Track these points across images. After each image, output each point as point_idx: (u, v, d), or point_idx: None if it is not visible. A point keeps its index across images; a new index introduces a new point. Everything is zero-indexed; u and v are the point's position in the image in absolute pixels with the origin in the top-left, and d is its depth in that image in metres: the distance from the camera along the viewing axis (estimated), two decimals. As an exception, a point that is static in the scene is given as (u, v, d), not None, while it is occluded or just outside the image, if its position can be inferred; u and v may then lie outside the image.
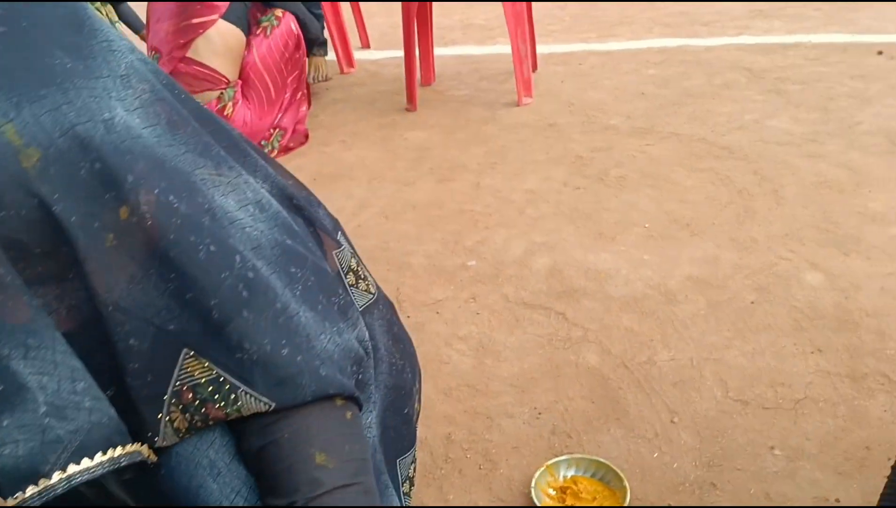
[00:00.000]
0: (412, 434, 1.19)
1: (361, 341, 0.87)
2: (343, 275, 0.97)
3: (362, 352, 0.86)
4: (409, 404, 1.16)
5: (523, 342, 1.72)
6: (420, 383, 1.23)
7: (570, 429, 1.46)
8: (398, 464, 1.17)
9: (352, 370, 0.82)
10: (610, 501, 1.28)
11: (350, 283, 0.98)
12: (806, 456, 1.32)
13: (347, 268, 0.98)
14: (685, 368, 1.57)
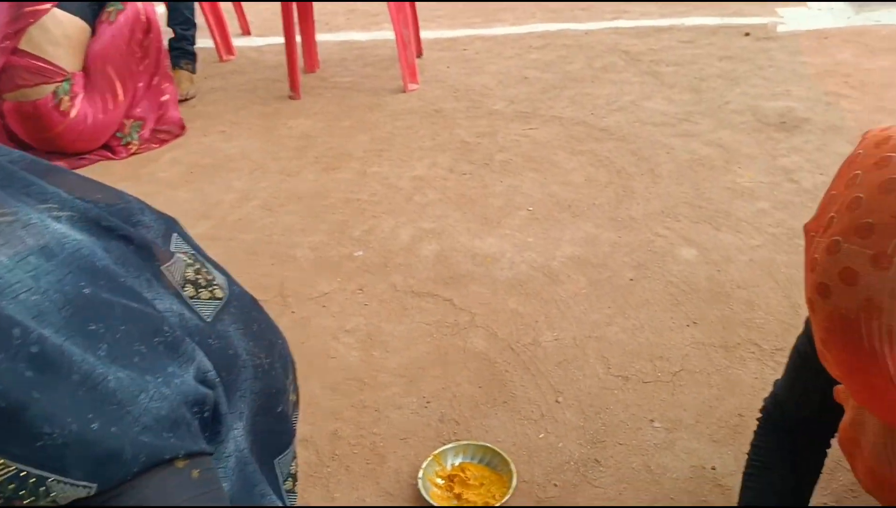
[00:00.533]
0: (289, 430, 1.14)
1: (204, 373, 0.79)
2: (181, 290, 0.88)
3: (203, 390, 0.78)
4: (282, 401, 1.11)
5: (411, 331, 1.70)
6: (293, 373, 1.18)
7: (458, 416, 1.45)
8: (276, 464, 1.12)
9: (193, 414, 0.75)
10: (497, 486, 1.28)
11: (189, 296, 0.89)
12: (683, 427, 1.36)
13: (183, 281, 0.89)
14: (569, 347, 1.59)
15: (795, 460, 1.03)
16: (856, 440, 0.84)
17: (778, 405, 1.06)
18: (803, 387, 1.02)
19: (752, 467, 1.06)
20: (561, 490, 1.27)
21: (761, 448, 1.07)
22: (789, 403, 1.04)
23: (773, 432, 1.06)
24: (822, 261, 0.65)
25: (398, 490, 1.31)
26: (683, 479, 1.26)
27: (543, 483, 1.29)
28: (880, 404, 0.66)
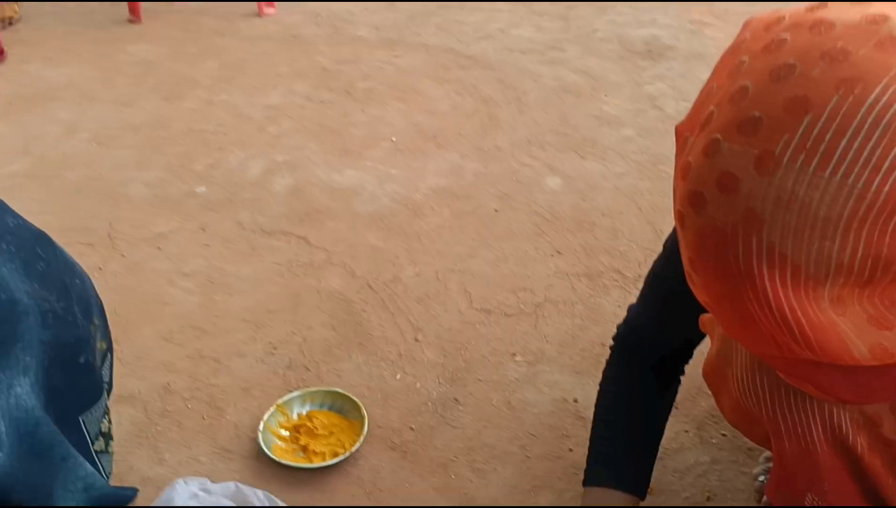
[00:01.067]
0: (96, 383, 0.98)
1: None
2: None
3: None
4: (84, 350, 0.94)
5: (259, 272, 1.54)
6: (101, 318, 1.02)
7: (308, 361, 1.32)
8: (82, 422, 0.96)
9: None
10: (348, 434, 1.17)
11: None
12: (546, 359, 1.30)
13: None
14: (430, 282, 1.49)
15: (650, 389, 0.97)
16: (722, 373, 0.78)
17: (632, 333, 1.00)
18: (660, 314, 0.95)
19: (605, 397, 0.99)
20: (417, 433, 1.18)
21: (613, 378, 1.00)
22: (644, 331, 0.98)
23: (627, 360, 1.00)
24: (697, 165, 0.53)
25: (237, 445, 1.17)
26: (545, 413, 1.20)
27: (399, 428, 1.19)
28: (751, 333, 0.57)
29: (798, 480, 0.75)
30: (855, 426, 0.69)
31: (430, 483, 1.10)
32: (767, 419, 0.73)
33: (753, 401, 0.73)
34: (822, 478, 0.72)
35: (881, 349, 0.55)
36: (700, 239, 0.55)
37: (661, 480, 1.07)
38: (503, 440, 1.16)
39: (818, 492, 0.74)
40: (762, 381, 0.72)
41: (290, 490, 1.09)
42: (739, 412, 0.78)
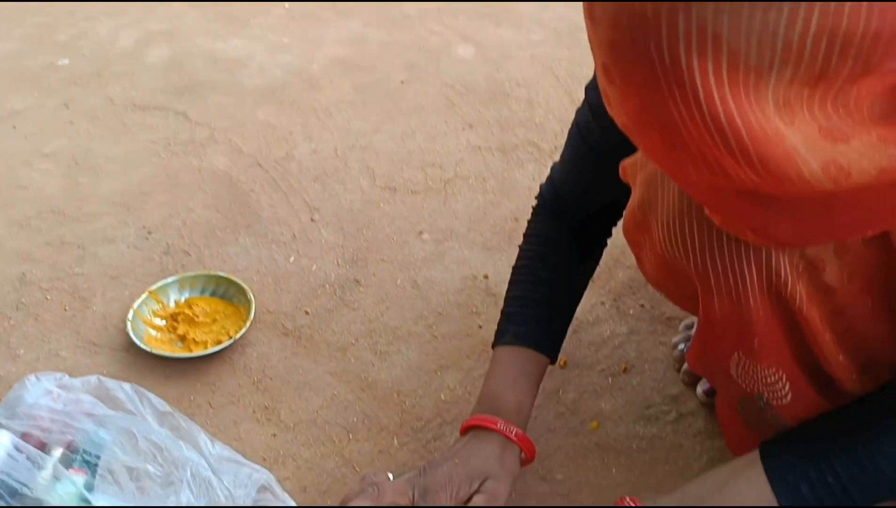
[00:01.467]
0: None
1: None
2: None
3: None
4: None
5: (132, 152, 1.36)
6: None
7: (188, 246, 1.17)
8: None
9: None
10: (233, 320, 1.04)
11: None
12: (454, 236, 1.19)
13: None
14: (328, 160, 1.34)
15: (571, 251, 0.88)
16: (644, 224, 0.67)
17: (555, 191, 0.90)
18: (583, 170, 0.85)
19: (523, 257, 0.90)
20: (313, 317, 1.06)
21: (533, 236, 0.90)
22: (566, 188, 0.88)
23: (549, 220, 0.90)
24: None
25: (105, 338, 1.03)
26: (453, 291, 1.10)
27: (292, 312, 1.07)
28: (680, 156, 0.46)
29: (725, 340, 0.67)
30: (794, 273, 0.60)
31: (326, 368, 0.99)
32: (696, 272, 0.64)
33: (681, 252, 0.64)
34: (753, 334, 0.64)
35: (836, 167, 0.45)
36: (614, 33, 0.43)
37: (576, 353, 1.00)
38: (408, 321, 1.06)
39: (747, 350, 0.66)
40: (691, 227, 0.62)
41: (167, 383, 0.97)
42: (664, 269, 0.68)
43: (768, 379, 0.67)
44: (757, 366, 0.66)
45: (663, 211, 0.64)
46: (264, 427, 0.92)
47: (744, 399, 0.71)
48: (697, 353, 0.73)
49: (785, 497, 0.64)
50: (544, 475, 0.87)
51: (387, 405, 0.95)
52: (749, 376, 0.68)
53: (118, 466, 0.82)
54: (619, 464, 0.87)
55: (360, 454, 0.90)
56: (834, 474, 0.63)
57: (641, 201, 0.67)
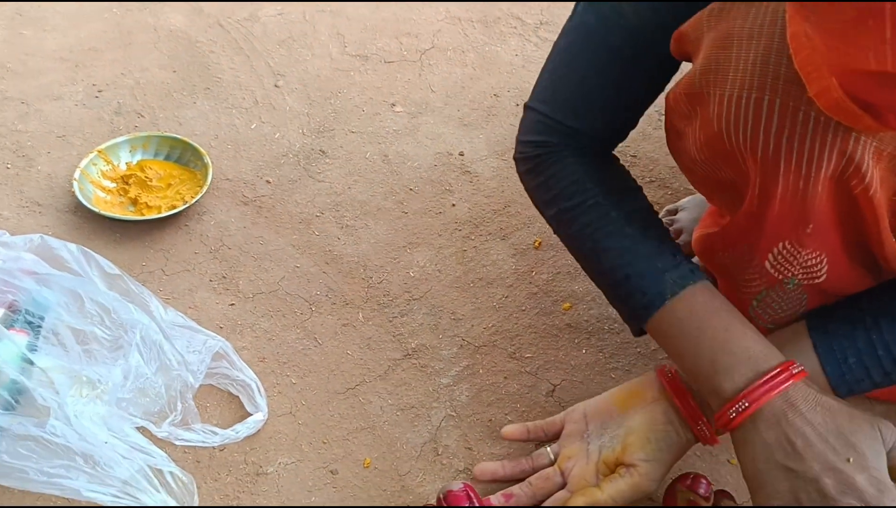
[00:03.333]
0: None
1: None
2: None
3: None
4: None
5: (82, 6, 1.24)
6: None
7: (141, 106, 1.09)
8: None
9: None
10: (189, 184, 0.97)
11: None
12: (430, 110, 1.12)
13: None
14: (296, 23, 1.24)
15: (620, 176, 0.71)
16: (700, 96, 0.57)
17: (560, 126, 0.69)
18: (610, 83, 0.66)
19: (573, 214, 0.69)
20: (275, 187, 1.00)
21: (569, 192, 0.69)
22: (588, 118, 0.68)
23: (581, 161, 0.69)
24: None
25: (50, 198, 0.96)
26: (426, 167, 1.04)
27: (252, 181, 1.00)
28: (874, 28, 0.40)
29: (781, 226, 0.59)
30: (877, 155, 0.53)
31: (288, 239, 0.94)
32: (765, 155, 0.56)
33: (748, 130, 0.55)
34: (809, 220, 0.57)
35: None
36: None
37: (551, 235, 0.93)
38: (377, 196, 1.00)
39: (797, 237, 0.59)
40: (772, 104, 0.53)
41: (117, 248, 0.91)
42: (712, 148, 0.59)
43: (808, 263, 0.61)
44: (801, 251, 0.60)
45: (736, 83, 0.55)
46: (221, 297, 0.88)
47: (766, 291, 0.64)
48: (727, 243, 0.64)
49: (832, 368, 0.61)
50: (513, 352, 0.84)
51: (352, 280, 0.91)
52: (788, 263, 0.62)
53: (63, 328, 0.77)
54: (589, 345, 0.85)
55: (322, 327, 0.86)
56: (884, 345, 0.59)
57: (707, 67, 0.57)
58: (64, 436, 0.69)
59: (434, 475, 0.74)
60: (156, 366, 0.75)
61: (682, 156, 0.65)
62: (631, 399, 0.69)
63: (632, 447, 0.65)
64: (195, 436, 0.75)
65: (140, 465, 0.70)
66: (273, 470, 0.73)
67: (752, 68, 0.54)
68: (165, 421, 0.75)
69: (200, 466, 0.73)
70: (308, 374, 0.81)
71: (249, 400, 0.78)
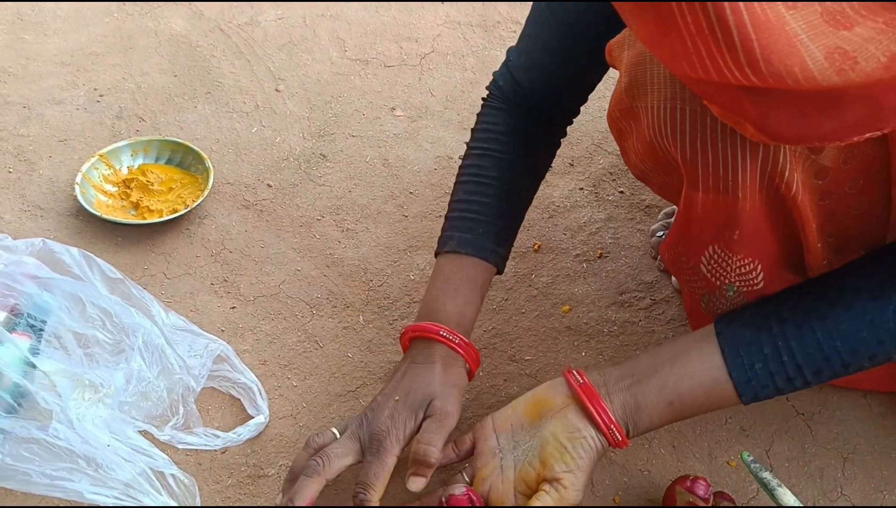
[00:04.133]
0: None
1: None
2: None
3: None
4: None
5: (82, 10, 1.25)
6: None
7: (142, 111, 1.09)
8: None
9: None
10: (191, 189, 0.98)
11: None
12: (429, 114, 1.13)
13: None
14: (296, 27, 1.25)
15: (525, 149, 0.80)
16: (631, 111, 0.62)
17: (511, 76, 0.79)
18: (549, 47, 0.75)
19: (471, 155, 0.80)
20: (276, 191, 1.00)
21: (482, 132, 0.80)
22: (529, 73, 0.78)
23: (502, 112, 0.80)
24: None
25: (52, 202, 0.97)
26: (426, 171, 1.04)
27: (253, 185, 1.01)
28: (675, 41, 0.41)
29: (704, 232, 0.63)
30: (793, 160, 0.56)
31: (289, 243, 0.95)
32: (684, 161, 0.59)
33: (670, 140, 0.58)
34: (736, 226, 0.60)
35: (840, 55, 0.40)
36: None
37: (552, 238, 0.96)
38: (377, 199, 1.01)
39: (725, 243, 0.62)
40: (684, 113, 0.57)
41: (119, 251, 0.91)
42: (650, 158, 0.63)
43: (741, 270, 0.64)
44: (732, 258, 0.63)
45: (654, 95, 0.59)
46: (223, 300, 0.88)
47: (710, 295, 0.68)
48: (672, 242, 0.69)
49: (738, 372, 0.62)
50: (513, 355, 0.84)
51: (353, 283, 0.91)
52: (721, 268, 0.65)
53: (65, 331, 0.77)
54: (589, 347, 0.85)
55: (323, 329, 0.86)
56: (789, 351, 0.61)
57: (630, 84, 0.61)
58: (66, 439, 0.69)
59: (434, 477, 0.74)
60: (158, 370, 0.76)
61: (631, 166, 0.70)
62: (540, 407, 0.68)
63: (551, 458, 0.64)
64: (197, 440, 0.75)
65: (142, 467, 0.70)
66: (274, 472, 0.74)
67: (663, 81, 0.58)
68: (168, 425, 0.75)
69: (202, 468, 0.74)
70: (309, 377, 0.82)
71: (251, 403, 0.78)
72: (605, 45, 0.66)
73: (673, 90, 0.57)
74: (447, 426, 0.68)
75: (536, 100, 0.79)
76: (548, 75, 0.77)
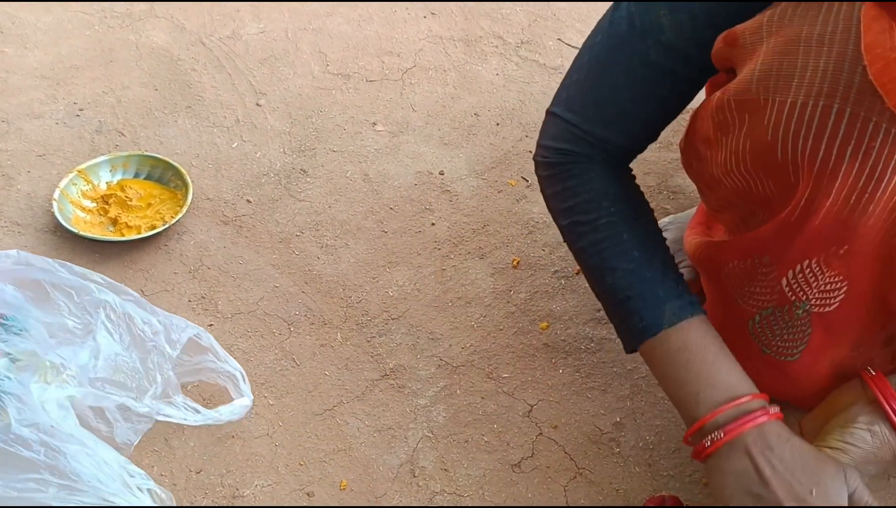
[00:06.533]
0: None
1: None
2: None
3: None
4: None
5: (63, 23, 1.25)
6: None
7: (122, 125, 1.09)
8: None
9: None
10: (170, 205, 0.97)
11: None
12: (410, 129, 1.13)
13: None
14: (278, 41, 1.25)
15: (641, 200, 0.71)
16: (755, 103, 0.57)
17: (582, 137, 0.68)
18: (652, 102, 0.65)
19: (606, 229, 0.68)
20: (255, 206, 1.00)
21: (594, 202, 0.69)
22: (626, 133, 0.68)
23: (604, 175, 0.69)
24: None
25: (30, 218, 0.96)
26: (407, 186, 1.05)
27: (233, 200, 1.01)
28: None
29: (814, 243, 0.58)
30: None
31: (267, 259, 0.95)
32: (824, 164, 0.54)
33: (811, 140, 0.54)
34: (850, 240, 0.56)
35: None
36: None
37: (530, 254, 0.96)
38: (357, 215, 1.01)
39: (827, 257, 0.58)
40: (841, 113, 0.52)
41: (96, 268, 0.91)
42: (761, 155, 0.57)
43: (827, 286, 0.60)
44: (825, 273, 0.59)
45: (803, 90, 0.53)
46: (200, 317, 0.88)
47: (774, 310, 0.63)
48: (743, 254, 0.64)
49: None
50: (490, 372, 0.85)
51: (331, 299, 0.91)
52: (807, 283, 0.60)
53: (34, 323, 0.76)
54: (566, 364, 0.86)
55: (300, 347, 0.86)
56: None
57: (766, 72, 0.55)
58: (28, 441, 0.67)
59: (410, 497, 0.75)
60: (128, 340, 0.74)
61: (711, 167, 0.63)
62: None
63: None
64: (176, 411, 0.73)
65: (119, 474, 0.69)
66: (250, 493, 0.74)
67: (821, 75, 0.52)
68: (146, 395, 0.74)
69: (177, 489, 0.74)
70: (285, 395, 0.82)
71: (235, 388, 0.78)
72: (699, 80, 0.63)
73: (832, 87, 0.52)
74: None
75: (620, 148, 0.69)
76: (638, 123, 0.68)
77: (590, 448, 0.79)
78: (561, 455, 0.78)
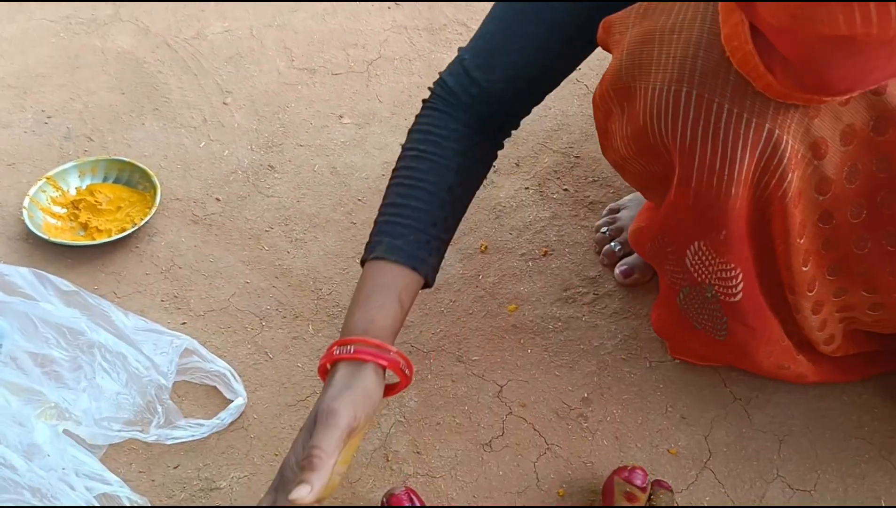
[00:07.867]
0: None
1: None
2: None
3: None
4: None
5: (27, 32, 1.25)
6: None
7: (90, 130, 1.10)
8: None
9: None
10: (139, 207, 0.98)
11: None
12: (377, 121, 1.14)
13: None
14: (243, 39, 1.26)
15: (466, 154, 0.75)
16: (627, 90, 0.61)
17: (467, 76, 0.74)
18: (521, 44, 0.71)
19: (407, 157, 0.76)
20: (224, 204, 1.02)
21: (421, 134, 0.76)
22: (491, 72, 0.72)
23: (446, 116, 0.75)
24: None
25: (1, 226, 0.97)
26: (375, 177, 1.06)
27: (202, 199, 1.02)
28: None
29: (692, 227, 0.63)
30: (794, 159, 0.56)
31: (238, 256, 0.96)
32: (682, 147, 0.58)
33: (670, 124, 0.58)
34: (723, 226, 0.60)
35: None
36: None
37: (498, 238, 0.98)
38: (326, 208, 1.02)
39: (711, 241, 0.62)
40: (690, 96, 0.56)
41: (69, 273, 0.92)
42: (638, 143, 0.62)
43: (723, 273, 0.64)
44: (716, 258, 0.64)
45: (659, 76, 0.58)
46: (173, 316, 0.89)
47: (690, 289, 0.69)
48: (652, 235, 0.69)
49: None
50: (460, 356, 0.86)
51: (302, 293, 0.92)
52: (704, 266, 0.65)
53: (21, 353, 0.78)
54: (534, 344, 0.87)
55: (273, 341, 0.88)
56: None
57: (631, 63, 0.59)
58: (11, 465, 0.69)
59: (384, 480, 0.76)
60: (125, 378, 0.77)
61: (612, 154, 0.69)
62: None
63: None
64: (183, 432, 0.77)
65: (88, 497, 0.70)
66: (226, 485, 0.75)
67: (672, 62, 0.57)
68: (151, 426, 0.77)
69: (155, 485, 0.75)
70: (259, 388, 0.83)
71: (227, 388, 0.81)
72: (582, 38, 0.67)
73: (681, 73, 0.56)
74: (333, 424, 0.59)
75: (492, 101, 0.74)
76: (512, 73, 0.72)
77: (559, 424, 0.81)
78: (530, 433, 0.80)
